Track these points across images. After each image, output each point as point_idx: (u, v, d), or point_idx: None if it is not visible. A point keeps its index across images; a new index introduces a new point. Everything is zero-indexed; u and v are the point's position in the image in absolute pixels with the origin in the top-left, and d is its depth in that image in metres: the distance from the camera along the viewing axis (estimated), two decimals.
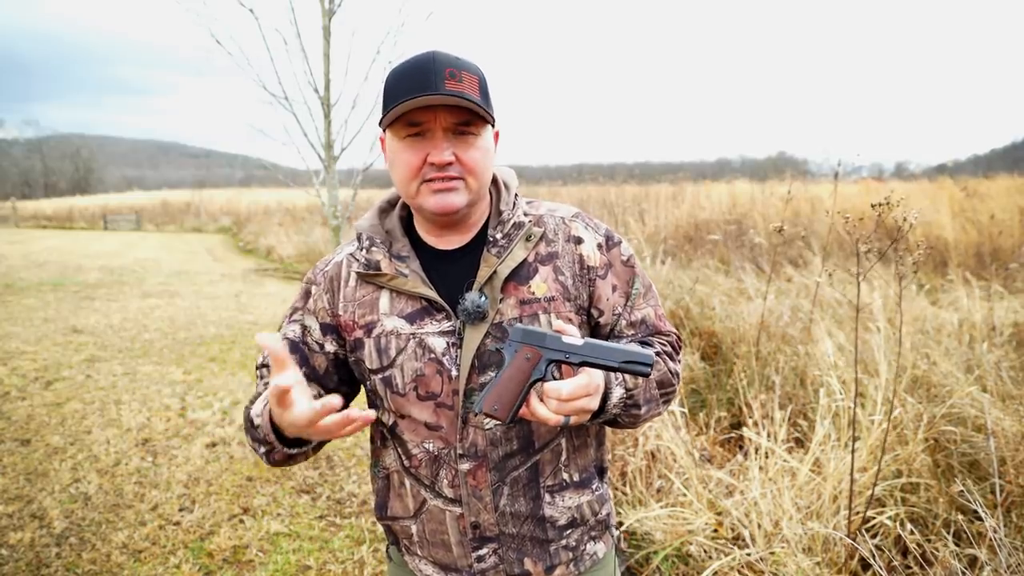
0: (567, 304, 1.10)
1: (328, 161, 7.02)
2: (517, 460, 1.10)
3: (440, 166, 1.01)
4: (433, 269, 1.12)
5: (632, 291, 1.16)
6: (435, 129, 1.01)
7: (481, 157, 1.04)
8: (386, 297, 1.11)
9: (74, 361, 5.64)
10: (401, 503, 1.17)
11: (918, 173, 16.54)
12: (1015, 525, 2.26)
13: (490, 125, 1.07)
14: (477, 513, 1.11)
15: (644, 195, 11.45)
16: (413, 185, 1.04)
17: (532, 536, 1.13)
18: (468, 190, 1.05)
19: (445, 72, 0.99)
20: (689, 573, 2.42)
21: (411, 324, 1.08)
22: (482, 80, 1.04)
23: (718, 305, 4.91)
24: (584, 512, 1.16)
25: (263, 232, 17.76)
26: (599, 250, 1.14)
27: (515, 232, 1.11)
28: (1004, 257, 6.38)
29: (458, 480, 1.10)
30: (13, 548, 2.80)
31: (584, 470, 1.17)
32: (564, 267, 1.11)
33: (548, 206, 1.18)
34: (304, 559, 2.79)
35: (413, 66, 1.01)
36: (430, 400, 1.08)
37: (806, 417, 3.26)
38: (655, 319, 1.19)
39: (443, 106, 1.00)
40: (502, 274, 1.07)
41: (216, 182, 78.62)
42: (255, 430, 1.03)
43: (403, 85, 1.00)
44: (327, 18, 6.74)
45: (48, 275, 11.05)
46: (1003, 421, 2.68)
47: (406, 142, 1.03)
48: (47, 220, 28.69)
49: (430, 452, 1.11)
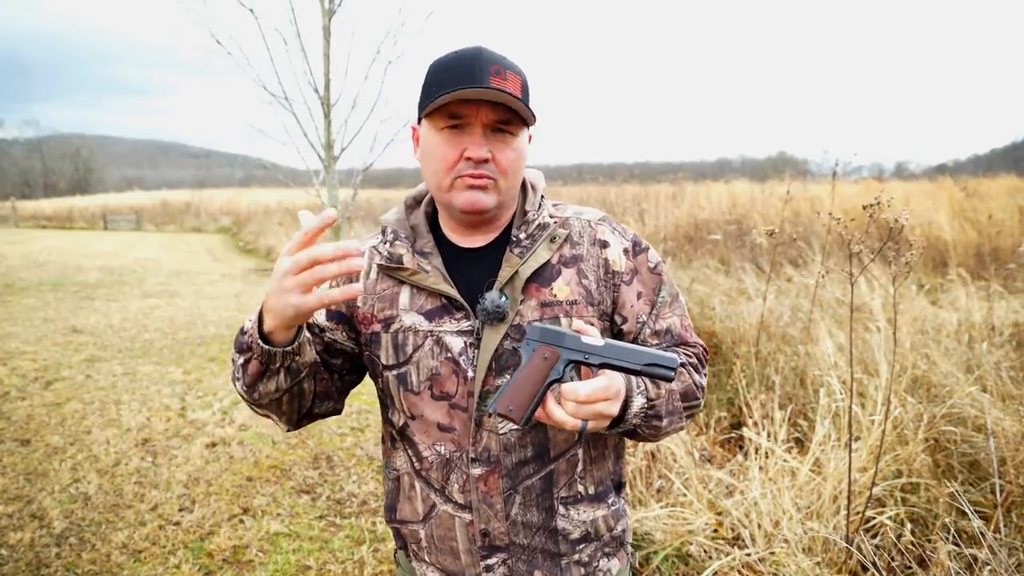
0: (590, 308, 1.07)
1: (328, 161, 7.02)
2: (531, 468, 1.07)
3: (476, 162, 1.00)
4: (455, 267, 1.10)
5: (658, 299, 1.13)
6: (475, 124, 1.00)
7: (516, 159, 1.03)
8: (406, 292, 1.09)
9: (74, 361, 5.64)
10: (411, 506, 1.14)
11: (918, 173, 16.53)
12: (1015, 525, 2.26)
13: (526, 128, 1.05)
14: (487, 520, 1.07)
15: (644, 195, 11.44)
16: (447, 179, 1.02)
17: (543, 548, 1.10)
18: (498, 191, 1.03)
19: (491, 68, 0.98)
20: (689, 573, 2.42)
21: (429, 321, 1.06)
22: (524, 81, 1.03)
23: (718, 305, 4.92)
24: (599, 527, 1.13)
25: (263, 232, 17.76)
26: (625, 255, 1.11)
27: (539, 233, 1.09)
28: (1004, 257, 6.37)
29: (469, 485, 1.07)
30: (13, 548, 2.80)
31: (600, 483, 1.13)
32: (588, 271, 1.09)
33: (574, 209, 1.16)
34: (304, 559, 2.79)
35: (459, 58, 1.00)
36: (444, 400, 1.06)
37: (806, 417, 3.26)
38: (680, 329, 1.14)
39: (486, 102, 0.98)
40: (524, 275, 1.05)
41: (216, 182, 78.66)
42: (242, 336, 0.97)
43: (448, 76, 0.99)
44: (327, 18, 6.73)
45: (48, 275, 11.05)
46: (1003, 421, 2.68)
47: (444, 134, 1.01)
48: (47, 220, 28.69)
49: (441, 455, 1.08)
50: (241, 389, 1.02)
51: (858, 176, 13.06)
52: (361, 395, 4.80)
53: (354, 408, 4.57)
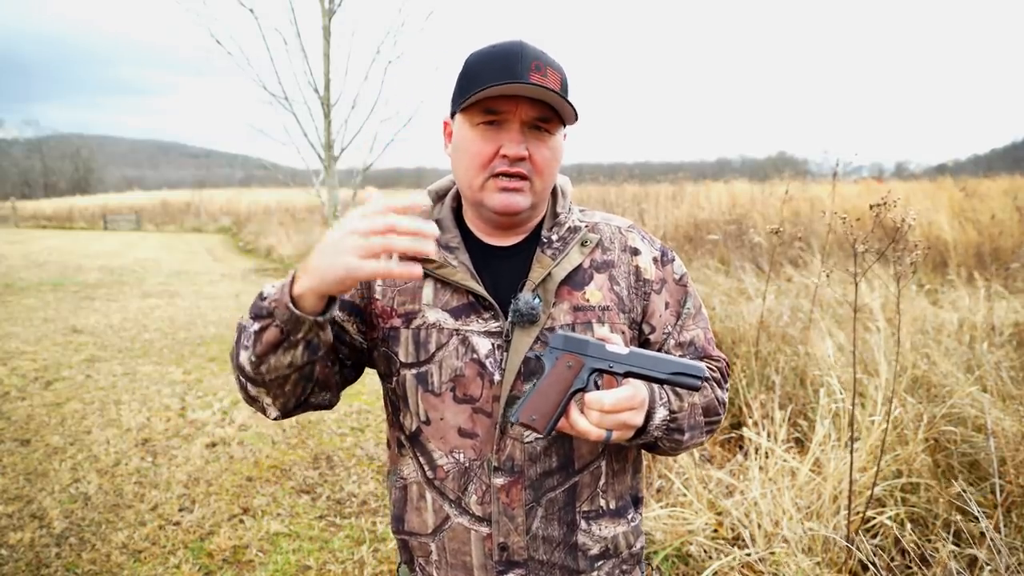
0: (621, 316, 1.04)
1: (328, 161, 7.02)
2: (555, 480, 1.03)
3: (513, 160, 0.96)
4: (482, 265, 1.05)
5: (683, 311, 1.10)
6: (513, 120, 0.96)
7: (551, 157, 1.00)
8: (430, 287, 1.03)
9: (74, 361, 5.64)
10: (419, 518, 1.07)
11: (918, 173, 16.54)
12: (1015, 525, 2.26)
13: (563, 127, 1.02)
14: (507, 534, 1.02)
15: (644, 195, 11.43)
16: (479, 178, 0.99)
17: (563, 565, 1.05)
18: (533, 192, 1.00)
19: (532, 64, 0.94)
20: (689, 573, 2.42)
21: (455, 319, 1.02)
22: (564, 79, 0.99)
23: (718, 305, 4.91)
24: (619, 543, 1.09)
25: (263, 232, 17.76)
26: (655, 264, 1.09)
27: (570, 236, 1.06)
28: (1004, 257, 6.37)
29: (489, 496, 1.02)
30: (13, 548, 2.80)
31: (621, 497, 1.10)
32: (620, 277, 1.06)
33: (602, 215, 1.14)
34: (304, 559, 2.79)
35: (500, 52, 0.97)
36: (467, 404, 1.01)
37: (806, 417, 3.26)
38: (704, 342, 1.11)
39: (526, 98, 0.95)
40: (557, 277, 1.02)
41: (216, 182, 78.68)
42: (261, 301, 0.89)
43: (487, 70, 0.95)
44: (327, 18, 6.74)
45: (48, 275, 11.05)
46: (1003, 421, 2.68)
47: (479, 130, 0.98)
48: (47, 220, 28.70)
49: (459, 463, 1.03)
50: (247, 360, 0.91)
51: (858, 176, 13.06)
52: (361, 395, 4.80)
53: (354, 408, 4.57)
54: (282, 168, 8.34)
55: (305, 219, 17.90)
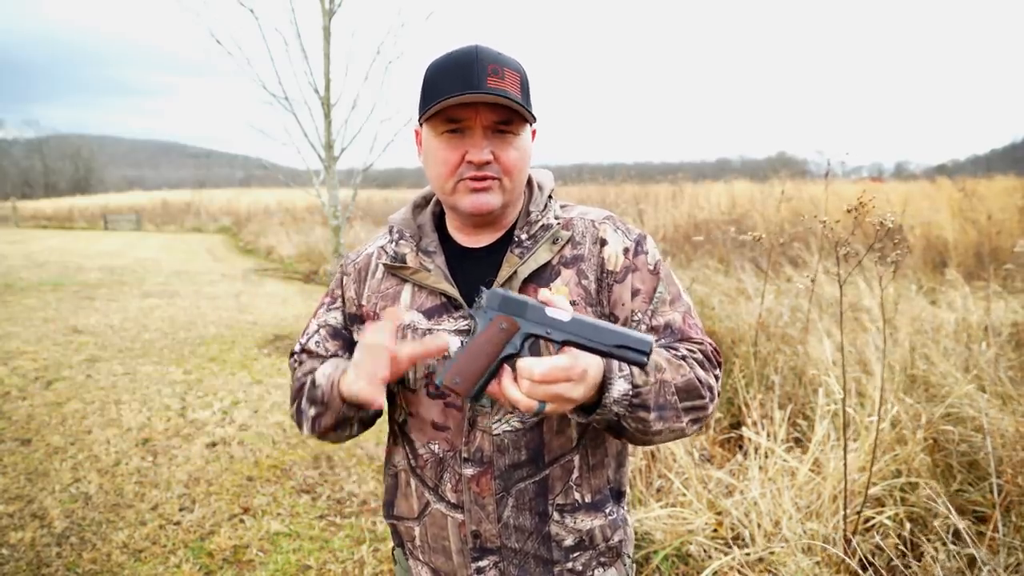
0: (589, 309, 1.05)
1: (328, 161, 7.02)
2: (524, 472, 1.06)
3: (478, 165, 1.00)
4: (458, 266, 1.10)
5: (655, 296, 1.08)
6: (475, 127, 0.99)
7: (519, 157, 1.03)
8: (408, 291, 1.10)
9: (74, 361, 5.64)
10: (407, 503, 1.15)
11: (918, 173, 16.55)
12: (1014, 524, 2.26)
13: (529, 124, 1.05)
14: (479, 522, 1.07)
15: (644, 195, 11.44)
16: (449, 183, 1.03)
17: (536, 554, 1.08)
18: (503, 191, 1.03)
19: (488, 68, 0.97)
20: (689, 573, 2.42)
21: (428, 320, 1.07)
22: (523, 77, 1.02)
23: (717, 305, 4.92)
24: (594, 536, 1.10)
25: (263, 232, 17.75)
26: (625, 254, 1.08)
27: (541, 234, 1.08)
28: (1003, 257, 6.37)
29: (461, 485, 1.07)
30: (14, 548, 2.80)
31: (598, 492, 1.10)
32: (588, 270, 1.07)
33: (580, 209, 1.15)
34: (304, 559, 2.79)
35: (455, 61, 0.99)
36: (439, 399, 1.07)
37: (805, 417, 3.27)
38: (683, 325, 1.07)
39: (485, 103, 0.97)
40: (521, 275, 1.04)
41: (216, 182, 78.72)
42: (314, 389, 1.03)
43: (444, 80, 0.98)
44: (327, 18, 6.73)
45: (48, 275, 11.05)
46: (1001, 421, 2.69)
47: (444, 138, 1.01)
48: (47, 220, 28.68)
49: (435, 453, 1.09)
50: (308, 431, 1.07)
51: (857, 176, 13.07)
52: None
53: None
54: (282, 168, 8.33)
55: (305, 219, 17.90)
